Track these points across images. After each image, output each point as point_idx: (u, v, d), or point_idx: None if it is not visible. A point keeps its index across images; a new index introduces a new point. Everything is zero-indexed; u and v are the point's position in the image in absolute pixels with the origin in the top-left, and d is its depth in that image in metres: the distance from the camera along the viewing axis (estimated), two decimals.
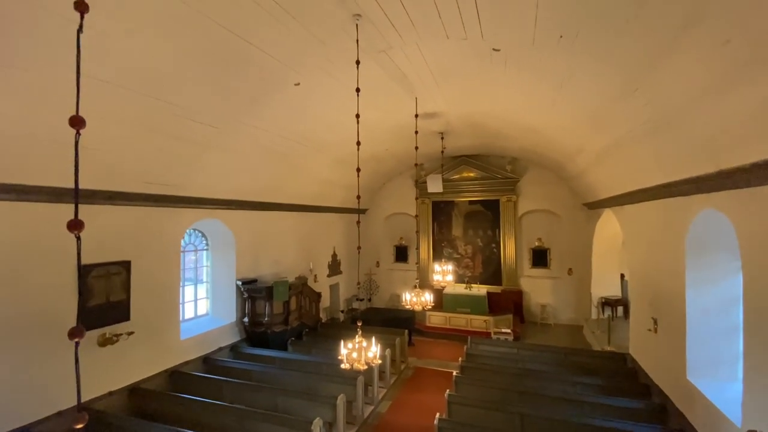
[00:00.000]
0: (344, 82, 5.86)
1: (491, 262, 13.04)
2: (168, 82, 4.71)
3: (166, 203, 6.53)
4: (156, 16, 3.69)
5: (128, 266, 6.01)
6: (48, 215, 4.89)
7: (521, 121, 8.17)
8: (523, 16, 3.91)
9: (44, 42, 3.47)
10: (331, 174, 10.52)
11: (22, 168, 4.44)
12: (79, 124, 1.45)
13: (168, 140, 5.64)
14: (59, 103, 4.06)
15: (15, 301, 4.67)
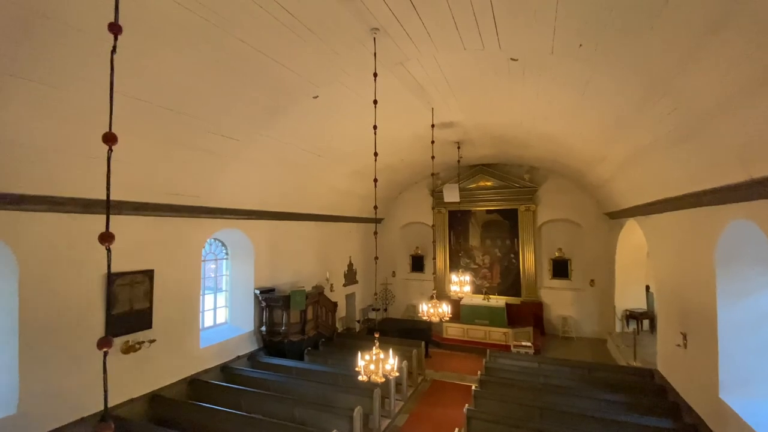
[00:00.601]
0: (361, 93, 5.94)
1: (510, 272, 12.81)
2: (192, 96, 4.87)
3: (189, 213, 6.70)
4: (181, 34, 3.84)
5: (151, 275, 6.17)
6: (78, 225, 5.08)
7: (540, 129, 8.07)
8: (541, 25, 3.89)
9: (76, 61, 3.65)
10: (348, 184, 10.60)
11: (55, 180, 4.64)
12: (112, 141, 1.51)
13: (192, 153, 5.81)
14: (90, 119, 4.26)
15: (44, 308, 4.84)
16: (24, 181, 4.36)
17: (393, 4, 3.74)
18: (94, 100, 4.07)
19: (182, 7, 3.46)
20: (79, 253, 5.12)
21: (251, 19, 3.83)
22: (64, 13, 3.20)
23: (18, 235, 4.59)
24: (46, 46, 3.40)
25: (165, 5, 3.40)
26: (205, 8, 3.54)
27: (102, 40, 3.51)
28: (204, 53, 4.22)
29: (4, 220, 4.43)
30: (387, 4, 3.72)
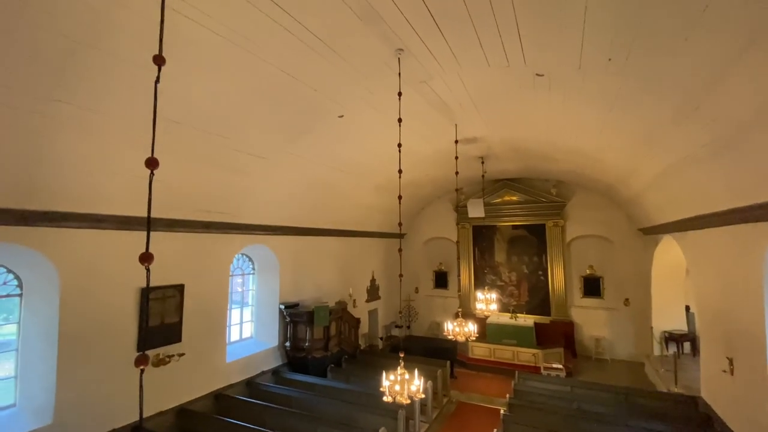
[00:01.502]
0: (385, 112, 6.02)
1: (538, 290, 12.40)
2: (224, 118, 5.09)
3: (219, 230, 6.90)
4: (215, 60, 4.05)
5: (182, 289, 6.35)
6: (115, 241, 5.32)
7: (567, 143, 7.91)
8: (568, 41, 3.85)
9: (117, 87, 3.90)
10: (371, 199, 10.67)
11: (95, 198, 4.90)
12: (154, 165, 1.58)
13: (223, 171, 6.03)
14: (129, 140, 4.51)
15: (81, 320, 5.05)
16: (67, 199, 4.63)
17: (418, 26, 3.81)
18: (132, 123, 4.31)
19: (217, 35, 3.66)
20: (115, 267, 5.35)
21: (281, 44, 3.99)
22: (109, 44, 3.44)
23: (60, 250, 4.85)
24: (91, 74, 3.65)
25: (202, 34, 3.59)
26: (238, 35, 3.72)
27: (142, 67, 3.74)
28: (236, 77, 4.42)
29: (48, 237, 4.70)
30: (412, 25, 3.79)
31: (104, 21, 3.21)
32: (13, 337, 4.98)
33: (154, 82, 1.69)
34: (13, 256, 4.75)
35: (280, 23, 3.66)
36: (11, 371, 4.90)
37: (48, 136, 3.98)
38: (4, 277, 4.93)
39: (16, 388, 4.86)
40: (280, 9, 3.46)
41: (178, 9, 3.22)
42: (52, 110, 3.76)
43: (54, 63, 3.39)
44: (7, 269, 4.93)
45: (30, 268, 4.93)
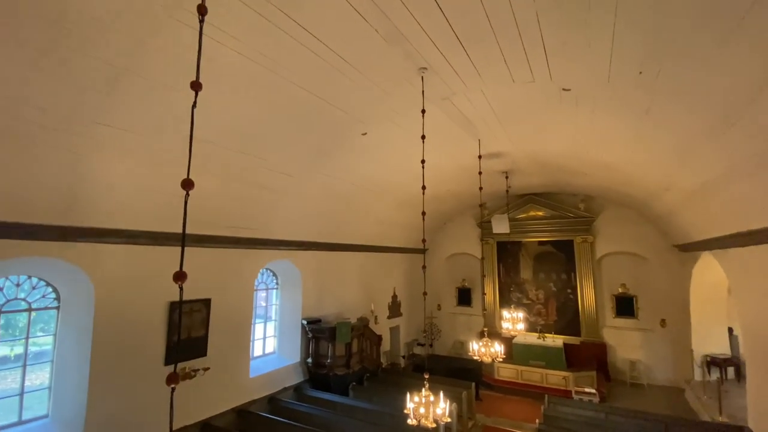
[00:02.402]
0: (408, 128, 6.05)
1: (567, 309, 11.92)
2: (253, 137, 5.24)
3: (246, 245, 7.03)
4: (245, 82, 4.20)
5: (209, 304, 6.46)
6: (147, 256, 5.50)
7: (595, 157, 7.69)
8: (596, 55, 3.78)
9: (154, 109, 4.09)
10: (393, 215, 10.66)
11: (130, 215, 5.11)
12: (189, 186, 1.62)
13: (251, 188, 6.18)
14: (164, 159, 4.70)
15: (113, 333, 5.20)
16: (104, 215, 4.85)
17: (441, 44, 3.84)
18: (166, 142, 4.50)
19: (248, 59, 3.80)
20: (146, 282, 5.52)
21: (307, 66, 4.10)
22: (147, 69, 3.62)
23: (96, 265, 5.05)
24: (130, 98, 3.85)
25: (233, 57, 3.74)
26: (267, 58, 3.86)
27: (177, 90, 3.92)
28: (265, 98, 4.56)
29: (85, 252, 4.91)
30: (435, 44, 3.83)
31: (142, 48, 3.39)
32: (49, 347, 5.18)
33: (191, 107, 1.75)
34: (53, 270, 4.98)
35: (308, 46, 3.77)
36: (46, 382, 5.08)
37: (88, 156, 4.20)
38: (43, 290, 5.17)
39: (49, 399, 5.02)
40: (307, 33, 3.57)
41: (210, 34, 3.37)
42: (94, 132, 3.98)
43: (97, 88, 3.60)
44: (47, 282, 5.17)
45: (68, 282, 5.15)
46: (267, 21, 3.33)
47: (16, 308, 4.99)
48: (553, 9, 3.17)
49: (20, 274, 4.94)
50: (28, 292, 5.08)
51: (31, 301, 5.07)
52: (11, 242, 4.26)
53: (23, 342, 4.99)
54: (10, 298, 4.92)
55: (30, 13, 2.81)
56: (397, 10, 3.35)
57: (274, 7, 3.19)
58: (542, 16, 3.26)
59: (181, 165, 4.95)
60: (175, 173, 4.95)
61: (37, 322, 5.22)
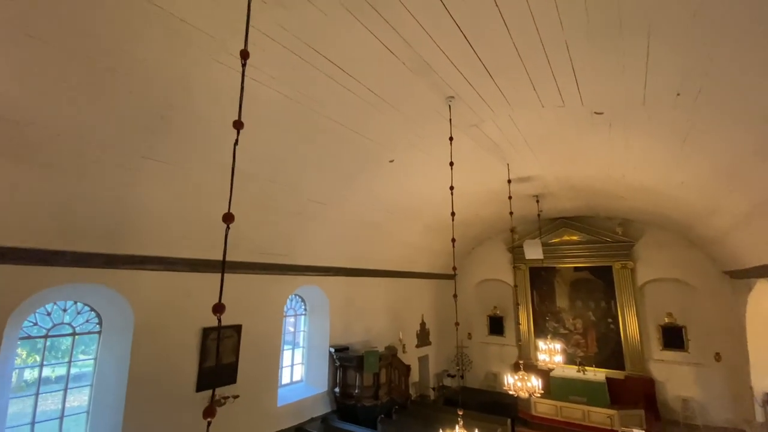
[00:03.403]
0: (435, 155, 6.08)
1: (608, 340, 11.18)
2: (285, 166, 5.42)
3: (276, 271, 7.15)
4: (279, 115, 4.38)
5: (239, 330, 6.54)
6: (183, 282, 5.69)
7: (632, 180, 7.39)
8: (629, 79, 3.70)
9: (194, 143, 4.33)
10: (420, 240, 10.57)
11: (169, 243, 5.33)
12: (230, 220, 1.67)
13: (282, 215, 6.35)
14: (202, 190, 4.92)
15: (150, 359, 5.33)
16: (146, 243, 5.09)
17: (468, 73, 3.88)
18: (206, 174, 4.73)
19: (283, 95, 3.99)
20: (182, 308, 5.67)
21: (337, 99, 4.25)
22: (191, 107, 3.87)
23: (136, 291, 5.25)
24: (174, 133, 4.10)
25: (269, 94, 3.94)
26: (300, 94, 4.04)
27: (217, 124, 4.14)
28: (296, 130, 4.74)
29: (126, 278, 5.13)
30: (462, 73, 3.88)
31: (187, 88, 3.64)
32: (88, 369, 5.36)
33: (233, 144, 1.83)
34: (97, 295, 5.23)
35: (338, 81, 3.92)
36: (83, 405, 5.23)
37: (133, 187, 4.46)
38: (87, 315, 5.42)
39: (87, 423, 5.15)
40: (338, 68, 3.72)
41: (248, 73, 3.57)
42: (139, 165, 4.24)
43: (143, 124, 3.87)
44: (91, 308, 5.42)
45: (110, 308, 5.37)
46: (301, 59, 3.51)
47: (62, 332, 5.25)
48: (583, 38, 3.16)
49: (67, 300, 5.22)
50: (73, 317, 5.34)
51: (75, 326, 5.31)
52: (62, 269, 4.53)
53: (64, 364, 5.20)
54: (57, 322, 5.18)
55: (90, 62, 3.10)
56: (423, 42, 3.44)
57: (308, 47, 3.36)
58: (571, 44, 3.25)
59: (218, 194, 5.19)
60: (213, 202, 5.17)
61: (78, 344, 5.45)
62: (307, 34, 3.24)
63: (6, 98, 3.11)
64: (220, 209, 5.34)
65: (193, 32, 3.05)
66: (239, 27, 3.04)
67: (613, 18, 2.98)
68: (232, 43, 3.21)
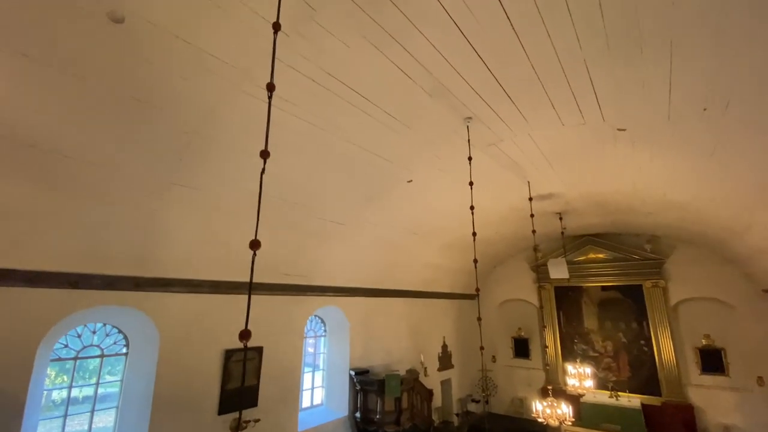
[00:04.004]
0: (454, 174, 6.08)
1: (642, 363, 10.60)
2: (305, 188, 5.52)
3: (296, 292, 7.18)
4: (299, 140, 4.50)
5: (261, 352, 6.54)
6: (207, 304, 5.77)
7: (658, 196, 7.16)
8: (652, 95, 3.64)
9: (220, 169, 4.47)
10: (439, 259, 10.45)
11: (195, 266, 5.46)
12: (256, 246, 1.70)
13: (302, 236, 6.42)
14: (226, 214, 5.05)
15: (173, 381, 5.38)
16: (172, 266, 5.22)
17: (485, 94, 3.91)
18: (231, 198, 4.87)
19: (303, 121, 4.11)
20: (204, 330, 5.74)
21: (356, 123, 4.34)
22: (216, 135, 4.02)
23: (162, 313, 5.36)
24: (201, 160, 4.25)
25: (290, 120, 4.06)
26: (320, 119, 4.14)
27: (242, 151, 4.28)
28: (317, 153, 4.84)
29: (153, 301, 5.25)
30: (479, 94, 3.90)
31: (213, 117, 3.79)
32: (113, 390, 5.45)
33: (260, 173, 1.88)
34: (125, 318, 5.36)
35: (357, 105, 4.01)
36: (108, 425, 5.28)
37: (161, 212, 4.63)
38: (115, 337, 5.55)
39: None
40: (356, 94, 3.82)
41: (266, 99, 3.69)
42: (168, 191, 4.41)
43: (172, 153, 4.04)
44: (119, 330, 5.55)
45: (137, 330, 5.49)
46: (322, 87, 3.62)
47: (91, 354, 5.39)
48: (603, 55, 3.15)
49: (97, 322, 5.37)
50: (102, 339, 5.48)
51: (103, 347, 5.44)
52: (92, 292, 4.69)
53: (91, 385, 5.31)
54: (87, 344, 5.33)
55: (123, 95, 3.28)
56: (441, 67, 3.50)
57: (329, 75, 3.47)
58: (591, 62, 3.24)
59: (241, 217, 5.32)
60: (236, 224, 5.29)
61: (105, 365, 5.56)
62: (328, 63, 3.35)
63: (46, 131, 3.31)
64: (243, 231, 5.46)
65: (219, 64, 3.20)
66: (262, 59, 3.19)
67: (633, 36, 2.96)
68: (256, 74, 3.35)
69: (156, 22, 2.76)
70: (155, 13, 2.71)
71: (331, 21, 2.93)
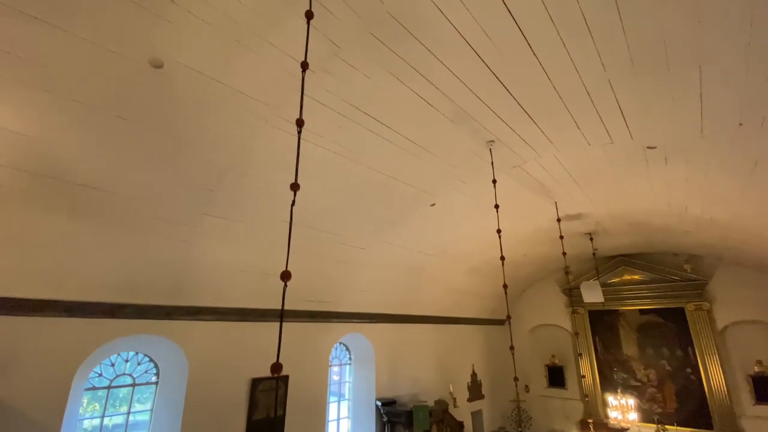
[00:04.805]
0: (477, 197, 6.03)
1: (690, 394, 9.81)
2: (327, 215, 5.59)
3: (321, 319, 7.16)
4: (323, 169, 4.60)
5: (287, 381, 6.48)
6: (234, 332, 5.82)
7: (696, 213, 6.83)
8: (683, 112, 3.54)
9: (251, 199, 4.61)
10: (465, 283, 10.22)
11: (223, 293, 5.55)
12: (287, 278, 1.73)
13: (326, 262, 6.45)
14: (254, 242, 5.16)
15: (201, 410, 5.38)
16: (201, 295, 5.33)
17: (508, 118, 3.91)
18: (260, 227, 4.99)
19: (328, 151, 4.22)
20: (231, 358, 5.76)
21: (379, 150, 4.41)
22: (246, 167, 4.17)
23: (191, 341, 5.44)
24: (233, 192, 4.41)
25: (316, 150, 4.18)
26: (343, 148, 4.25)
27: (269, 182, 4.41)
28: (340, 181, 4.93)
29: (182, 329, 5.34)
30: (502, 119, 3.91)
31: (244, 150, 3.95)
32: (146, 418, 5.48)
33: (290, 205, 1.92)
34: (156, 346, 5.46)
35: (379, 134, 4.09)
36: None
37: (194, 242, 4.77)
38: (146, 366, 5.64)
39: None
40: (378, 123, 3.90)
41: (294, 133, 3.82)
42: (200, 222, 4.56)
43: (203, 185, 4.21)
44: (150, 358, 5.66)
45: (167, 358, 5.58)
46: (345, 118, 3.73)
47: (123, 383, 5.49)
48: (627, 76, 3.11)
49: (129, 351, 5.49)
50: (133, 368, 5.59)
51: (135, 376, 5.54)
52: (126, 321, 4.83)
53: (122, 414, 5.37)
54: (119, 373, 5.44)
55: (162, 134, 3.48)
56: (461, 93, 3.54)
57: (352, 106, 3.58)
58: (615, 82, 3.20)
59: (268, 245, 5.42)
60: (263, 252, 5.38)
61: (135, 393, 5.64)
62: (352, 95, 3.46)
63: (85, 167, 3.53)
64: (269, 259, 5.53)
65: (251, 102, 3.37)
66: (290, 95, 3.33)
67: (659, 54, 2.92)
68: (285, 109, 3.49)
69: (193, 66, 2.95)
70: (192, 58, 2.90)
71: (354, 56, 3.05)
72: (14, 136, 3.06)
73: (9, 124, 2.97)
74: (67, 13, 2.48)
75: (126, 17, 2.57)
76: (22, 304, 4.07)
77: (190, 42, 2.79)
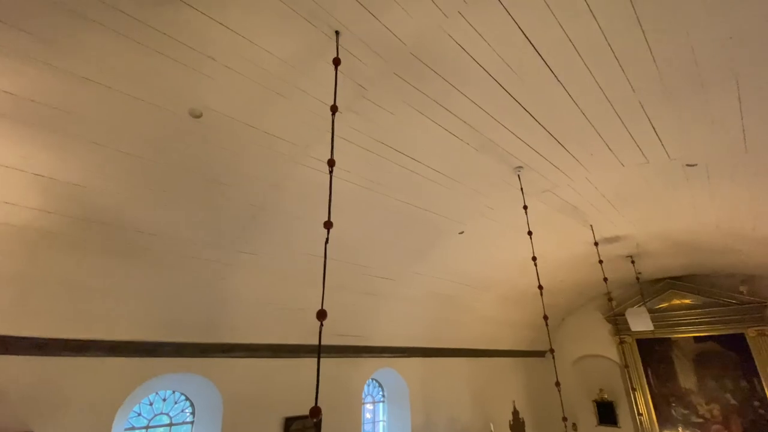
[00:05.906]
0: (507, 223, 5.90)
1: (760, 430, 8.78)
2: (358, 248, 5.61)
3: (351, 354, 7.02)
4: (353, 203, 4.67)
5: (320, 420, 6.32)
6: (265, 368, 5.78)
7: (747, 232, 6.36)
8: (723, 128, 3.38)
9: (282, 236, 4.72)
10: (498, 312, 9.82)
11: (254, 330, 5.58)
12: (323, 317, 1.72)
13: (356, 296, 6.41)
14: (288, 278, 5.22)
15: None
16: (233, 331, 5.37)
17: (535, 144, 3.87)
18: (292, 263, 5.06)
19: (355, 185, 4.30)
20: (264, 395, 5.70)
21: (406, 183, 4.45)
22: (278, 205, 4.30)
23: (224, 378, 5.43)
24: (265, 229, 4.53)
25: (345, 186, 4.27)
26: (371, 182, 4.31)
27: (299, 218, 4.51)
28: (368, 214, 4.98)
29: (217, 366, 5.37)
30: (529, 145, 3.87)
31: (276, 188, 4.09)
32: None
33: (324, 243, 1.94)
34: (192, 384, 5.50)
35: (405, 166, 4.14)
36: None
37: (228, 279, 4.88)
38: (182, 405, 5.67)
39: None
40: (405, 156, 3.96)
41: (325, 169, 3.93)
42: (234, 259, 4.68)
43: (238, 225, 4.35)
44: (186, 397, 5.69)
45: (202, 396, 5.59)
46: (372, 153, 3.81)
47: (161, 422, 5.52)
48: (658, 96, 3.03)
49: (167, 389, 5.56)
50: (170, 407, 5.63)
51: (172, 416, 5.57)
52: (164, 360, 4.91)
53: None
54: (157, 413, 5.49)
55: (199, 178, 3.67)
56: (485, 122, 3.56)
57: (378, 142, 3.67)
58: (647, 104, 3.12)
59: (300, 281, 5.46)
60: (294, 288, 5.42)
61: None
62: (378, 132, 3.55)
63: (130, 212, 3.74)
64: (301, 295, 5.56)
65: (283, 144, 3.52)
66: (320, 135, 3.45)
67: (691, 72, 2.84)
68: (315, 149, 3.62)
69: (228, 114, 3.14)
70: (228, 106, 3.09)
71: (379, 96, 3.15)
72: (73, 188, 3.32)
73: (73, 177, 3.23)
74: (116, 74, 2.72)
75: (171, 76, 2.79)
76: (70, 344, 4.24)
77: (226, 92, 2.99)
